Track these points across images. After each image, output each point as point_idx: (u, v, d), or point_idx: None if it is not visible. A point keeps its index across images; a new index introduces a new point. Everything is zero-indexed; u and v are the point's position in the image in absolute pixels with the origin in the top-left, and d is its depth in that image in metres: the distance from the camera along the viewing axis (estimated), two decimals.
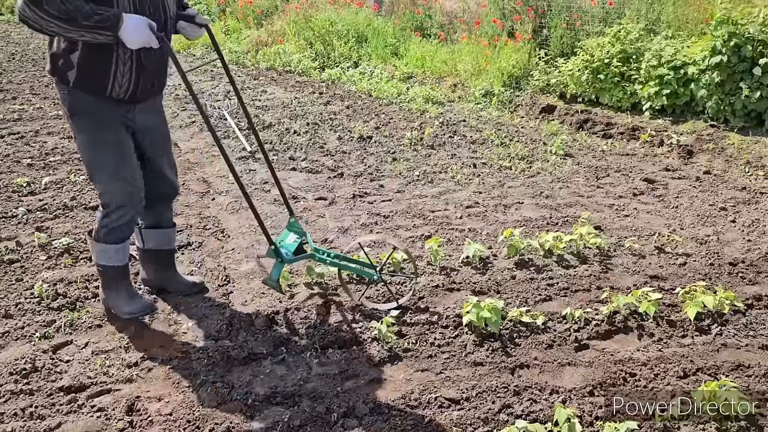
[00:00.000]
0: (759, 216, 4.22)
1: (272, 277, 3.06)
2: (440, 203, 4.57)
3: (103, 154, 2.73)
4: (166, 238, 3.24)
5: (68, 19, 2.34)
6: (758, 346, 2.86)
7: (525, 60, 7.52)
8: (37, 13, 2.32)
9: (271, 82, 8.23)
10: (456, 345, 2.89)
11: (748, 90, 5.66)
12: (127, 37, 2.43)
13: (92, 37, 2.41)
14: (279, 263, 3.06)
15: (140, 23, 2.44)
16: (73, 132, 2.77)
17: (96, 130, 2.69)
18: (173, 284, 3.34)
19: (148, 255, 3.26)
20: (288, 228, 3.25)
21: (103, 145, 2.72)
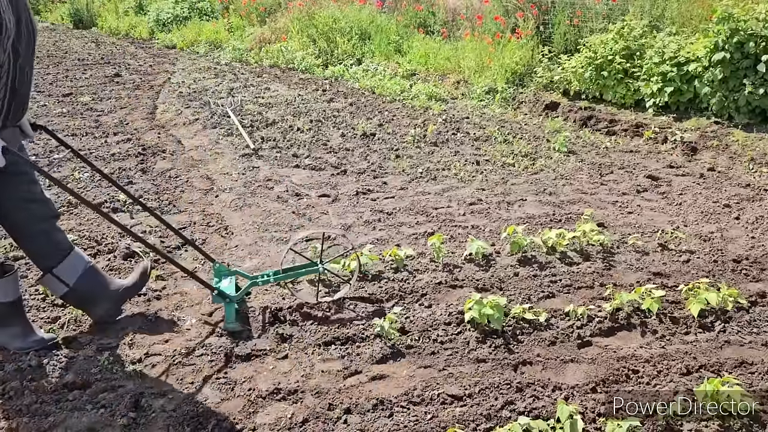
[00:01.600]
0: (763, 213, 4.21)
1: (228, 320, 2.99)
2: (443, 200, 4.57)
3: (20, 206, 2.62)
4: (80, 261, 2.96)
5: None
6: (761, 343, 2.86)
7: (528, 57, 7.51)
8: None
9: (274, 79, 8.23)
10: (459, 342, 2.90)
11: (752, 86, 5.63)
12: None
13: None
14: (228, 304, 3.01)
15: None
16: None
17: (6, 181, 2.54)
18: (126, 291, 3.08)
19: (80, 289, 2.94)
20: (216, 275, 3.22)
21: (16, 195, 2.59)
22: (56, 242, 2.85)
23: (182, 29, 11.26)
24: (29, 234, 2.77)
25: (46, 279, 2.87)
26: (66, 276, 2.87)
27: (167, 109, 6.85)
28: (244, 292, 3.13)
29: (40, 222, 2.76)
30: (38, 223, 2.76)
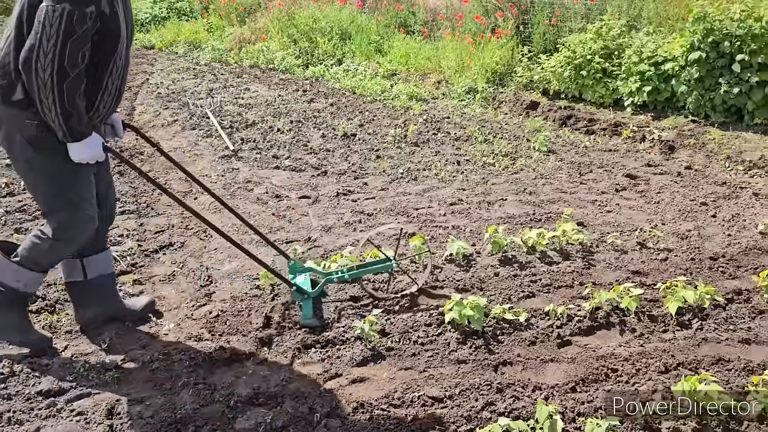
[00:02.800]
0: (739, 210, 4.26)
1: (306, 316, 3.05)
2: (424, 201, 4.57)
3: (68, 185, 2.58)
4: (110, 261, 3.05)
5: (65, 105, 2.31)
6: (738, 340, 2.89)
7: (508, 56, 7.54)
8: (52, 79, 2.26)
9: (254, 79, 8.18)
10: (439, 343, 2.89)
11: (727, 85, 5.71)
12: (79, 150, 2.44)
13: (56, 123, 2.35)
14: (306, 300, 3.06)
15: (99, 143, 2.49)
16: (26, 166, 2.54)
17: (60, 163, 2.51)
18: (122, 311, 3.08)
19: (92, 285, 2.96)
20: (291, 271, 3.26)
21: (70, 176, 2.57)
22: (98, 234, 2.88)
23: (161, 29, 11.14)
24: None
25: (71, 262, 2.88)
26: (90, 268, 2.91)
27: (145, 110, 6.77)
28: (320, 288, 3.13)
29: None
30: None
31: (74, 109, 2.34)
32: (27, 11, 2.32)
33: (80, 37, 2.26)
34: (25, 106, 2.41)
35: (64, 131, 2.37)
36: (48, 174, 2.54)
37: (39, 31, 2.23)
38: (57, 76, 2.25)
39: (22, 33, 2.34)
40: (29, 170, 2.56)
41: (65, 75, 2.26)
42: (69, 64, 2.26)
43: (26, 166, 2.55)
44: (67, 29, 2.23)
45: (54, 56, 2.23)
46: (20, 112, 2.42)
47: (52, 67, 2.24)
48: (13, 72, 2.39)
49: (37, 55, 2.23)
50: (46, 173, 2.54)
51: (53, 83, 2.26)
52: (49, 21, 2.22)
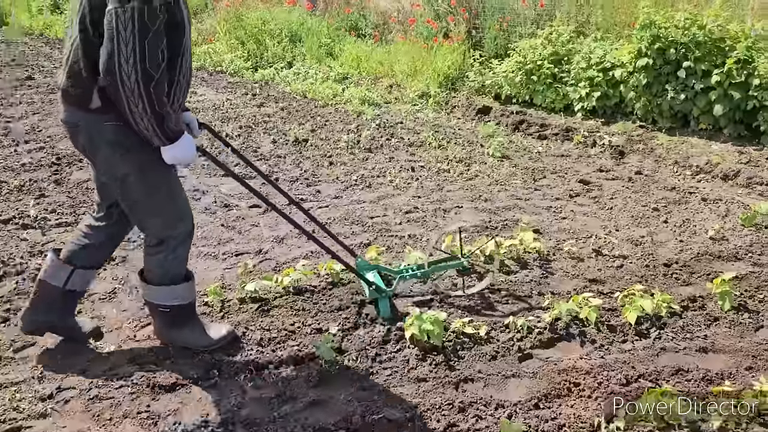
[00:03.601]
0: (689, 216, 4.32)
1: (384, 313, 3.04)
2: (379, 209, 4.46)
3: (160, 185, 2.50)
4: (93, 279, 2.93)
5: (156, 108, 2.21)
6: (695, 348, 2.89)
7: (460, 61, 7.53)
8: (138, 85, 2.16)
9: (201, 83, 7.91)
10: (398, 360, 2.79)
11: (674, 92, 5.83)
12: (173, 153, 2.36)
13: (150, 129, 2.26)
14: (383, 298, 3.07)
15: (192, 143, 2.41)
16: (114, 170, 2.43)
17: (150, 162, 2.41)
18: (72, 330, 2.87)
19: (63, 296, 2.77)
20: (361, 270, 3.20)
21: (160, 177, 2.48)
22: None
23: None
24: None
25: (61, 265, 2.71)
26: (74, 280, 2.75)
27: None
28: (394, 290, 3.14)
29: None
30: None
31: (164, 110, 2.25)
32: (90, 14, 2.22)
33: (155, 33, 2.16)
34: (104, 112, 2.32)
35: (159, 136, 2.28)
36: (137, 175, 2.43)
37: (114, 36, 2.12)
38: (143, 80, 2.15)
39: (89, 37, 2.25)
40: (124, 179, 2.44)
41: (150, 77, 2.17)
42: (151, 65, 2.16)
43: (118, 175, 2.43)
44: (142, 28, 2.13)
45: (135, 60, 2.13)
46: (99, 116, 2.33)
47: (136, 72, 2.14)
48: (86, 79, 2.30)
49: (119, 63, 2.13)
50: (136, 175, 2.42)
51: (140, 88, 2.16)
52: (122, 24, 2.11)
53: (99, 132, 2.35)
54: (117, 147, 2.37)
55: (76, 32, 2.28)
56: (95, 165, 2.53)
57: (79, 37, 2.27)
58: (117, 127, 2.33)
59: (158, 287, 2.69)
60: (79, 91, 2.32)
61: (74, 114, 2.37)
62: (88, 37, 2.25)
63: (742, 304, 3.23)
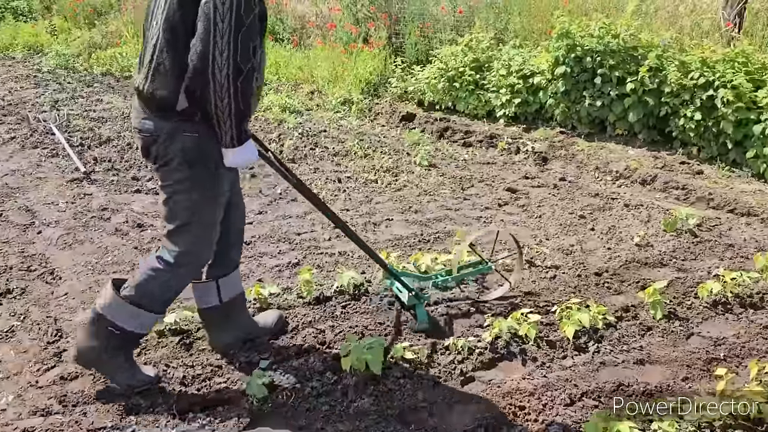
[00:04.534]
0: (614, 222, 4.39)
1: (422, 320, 3.04)
2: (306, 224, 4.27)
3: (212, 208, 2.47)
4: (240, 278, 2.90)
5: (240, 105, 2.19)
6: (633, 361, 2.89)
7: (381, 67, 7.43)
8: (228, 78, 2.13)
9: (107, 89, 7.40)
10: (337, 392, 2.61)
11: (591, 98, 5.96)
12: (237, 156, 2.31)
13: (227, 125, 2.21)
14: (420, 305, 3.06)
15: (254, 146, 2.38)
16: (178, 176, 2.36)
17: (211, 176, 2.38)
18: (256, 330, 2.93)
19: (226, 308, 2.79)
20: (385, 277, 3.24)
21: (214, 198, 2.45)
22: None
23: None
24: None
25: (205, 286, 2.74)
26: (225, 290, 2.76)
27: None
28: (428, 296, 3.17)
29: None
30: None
31: (248, 109, 2.23)
32: (178, 11, 2.18)
33: (248, 27, 2.14)
34: (186, 117, 2.28)
35: (233, 134, 2.23)
36: (195, 190, 2.39)
37: (209, 29, 2.09)
38: (233, 75, 2.13)
39: (176, 36, 2.21)
40: (178, 185, 2.39)
41: (239, 72, 2.14)
42: (242, 59, 2.14)
43: (177, 182, 2.38)
44: (238, 21, 2.11)
45: (229, 53, 2.11)
46: (180, 124, 2.29)
47: (228, 66, 2.12)
48: (173, 80, 2.24)
49: (214, 56, 2.11)
50: (194, 189, 2.39)
51: (229, 83, 2.13)
52: (220, 16, 2.09)
53: (175, 142, 2.31)
54: (185, 159, 2.33)
55: (158, 32, 2.24)
56: (162, 172, 2.41)
57: (164, 37, 2.23)
58: (192, 139, 2.31)
59: (125, 306, 2.48)
60: (165, 93, 2.26)
61: (156, 124, 2.31)
62: (174, 34, 2.21)
63: (672, 311, 3.27)
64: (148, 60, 2.29)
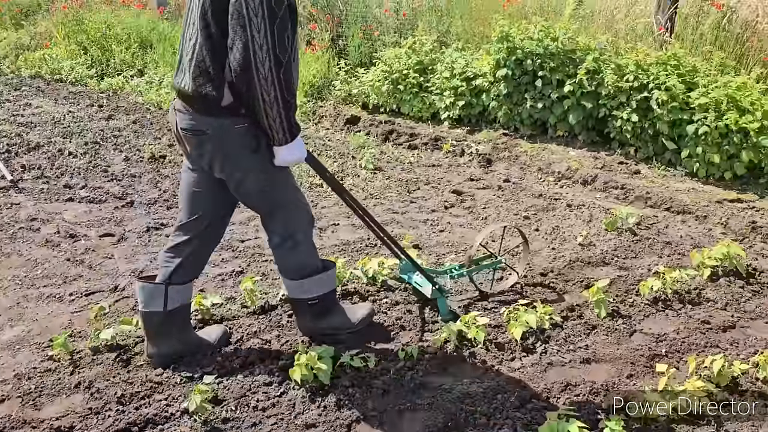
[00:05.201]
0: (557, 223, 4.46)
1: (444, 313, 3.16)
2: (250, 230, 4.16)
3: (285, 181, 2.58)
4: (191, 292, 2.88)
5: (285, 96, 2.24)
6: (579, 360, 2.92)
7: (325, 69, 7.36)
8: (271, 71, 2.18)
9: (37, 93, 7.05)
10: (283, 405, 2.53)
11: (532, 101, 6.06)
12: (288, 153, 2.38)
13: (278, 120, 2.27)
14: (442, 299, 3.17)
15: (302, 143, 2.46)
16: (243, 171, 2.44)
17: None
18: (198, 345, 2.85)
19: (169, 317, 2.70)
20: (402, 272, 3.34)
21: (285, 174, 2.57)
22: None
23: None
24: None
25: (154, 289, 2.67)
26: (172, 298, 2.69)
27: None
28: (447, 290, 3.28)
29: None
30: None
31: (294, 99, 2.29)
32: (211, 7, 2.21)
33: (282, 18, 2.19)
34: (234, 112, 2.33)
35: (284, 127, 2.30)
36: (266, 174, 2.47)
37: (245, 25, 2.14)
38: (275, 67, 2.18)
39: (211, 32, 2.25)
40: (246, 177, 2.46)
41: (280, 63, 2.19)
42: (280, 50, 2.18)
43: (242, 174, 2.45)
44: (271, 14, 2.15)
45: (268, 46, 2.16)
46: (228, 119, 2.34)
47: (269, 59, 2.17)
48: (216, 76, 2.29)
49: (254, 51, 2.16)
50: (264, 174, 2.47)
51: (273, 75, 2.18)
52: (253, 11, 2.13)
53: (229, 136, 2.36)
54: (245, 148, 2.38)
55: (196, 31, 2.28)
56: (223, 172, 2.45)
57: (202, 35, 2.26)
58: (246, 129, 2.36)
59: (301, 281, 2.71)
60: (209, 90, 2.30)
61: (202, 120, 2.35)
62: (210, 32, 2.25)
63: (615, 309, 3.33)
64: (188, 60, 2.34)
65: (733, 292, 3.50)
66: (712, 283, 3.58)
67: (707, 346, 3.04)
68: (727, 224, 4.40)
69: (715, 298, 3.44)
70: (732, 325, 3.22)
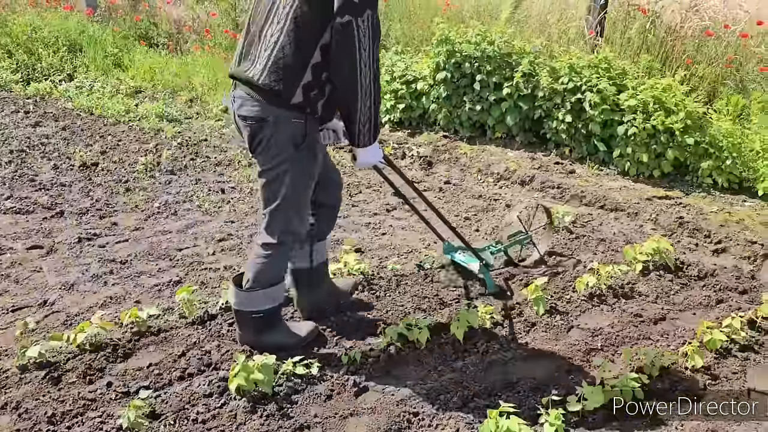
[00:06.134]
0: (496, 223, 4.54)
1: (491, 286, 3.51)
2: (188, 239, 4.05)
3: (307, 182, 2.71)
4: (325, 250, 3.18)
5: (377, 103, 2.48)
6: (519, 357, 2.97)
7: None
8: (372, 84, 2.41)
9: None
10: (224, 417, 2.48)
11: (471, 103, 6.15)
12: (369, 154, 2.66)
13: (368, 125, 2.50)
14: (488, 273, 3.53)
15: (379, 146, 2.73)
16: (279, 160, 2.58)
17: (309, 159, 2.64)
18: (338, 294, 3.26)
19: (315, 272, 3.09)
20: (445, 252, 3.68)
21: (310, 177, 2.70)
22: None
23: None
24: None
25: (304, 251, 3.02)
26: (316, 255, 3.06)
27: None
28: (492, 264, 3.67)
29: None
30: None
31: (380, 104, 2.51)
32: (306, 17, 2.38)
33: (379, 34, 2.42)
34: (298, 108, 2.50)
35: (371, 132, 2.54)
36: (299, 172, 2.63)
37: (355, 44, 2.33)
38: (374, 81, 2.42)
39: (300, 38, 2.41)
40: (279, 167, 2.60)
41: (377, 75, 2.43)
42: (378, 64, 2.43)
43: (278, 163, 2.59)
44: (374, 33, 2.38)
45: (370, 62, 2.38)
46: (290, 112, 2.50)
47: (370, 73, 2.40)
48: (294, 76, 2.44)
49: (360, 68, 2.36)
50: (296, 170, 2.62)
51: (372, 87, 2.42)
52: (362, 32, 2.33)
53: (285, 127, 2.52)
54: (292, 142, 2.54)
55: (280, 31, 2.42)
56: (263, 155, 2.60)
57: (289, 37, 2.41)
58: (300, 125, 2.52)
59: (252, 293, 2.76)
60: (282, 86, 2.44)
61: (266, 109, 2.49)
62: (299, 36, 2.40)
63: (553, 306, 3.41)
64: (267, 54, 2.45)
65: (663, 286, 3.65)
66: (644, 277, 3.72)
67: (640, 338, 3.15)
68: (657, 220, 4.58)
69: (646, 292, 3.58)
70: (662, 317, 3.35)
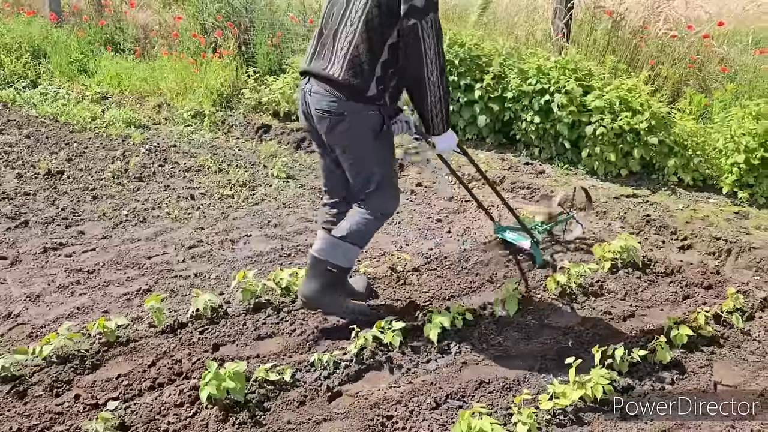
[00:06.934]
0: (468, 224, 4.57)
1: (539, 259, 3.86)
2: (157, 246, 4.00)
3: (392, 165, 2.99)
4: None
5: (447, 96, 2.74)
6: (491, 357, 2.99)
7: (233, 77, 7.21)
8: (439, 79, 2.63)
9: None
10: (195, 426, 2.44)
11: None
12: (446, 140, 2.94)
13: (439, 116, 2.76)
14: (538, 250, 3.87)
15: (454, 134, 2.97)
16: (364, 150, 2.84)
17: (389, 145, 2.92)
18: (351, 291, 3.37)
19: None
20: (496, 232, 4.08)
21: (392, 157, 2.96)
22: None
23: None
24: None
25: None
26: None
27: None
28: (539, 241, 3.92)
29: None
30: None
31: (449, 96, 2.71)
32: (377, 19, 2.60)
33: (441, 33, 2.64)
34: (373, 101, 2.71)
35: (444, 121, 2.80)
36: (381, 157, 2.90)
37: (422, 44, 2.57)
38: (441, 75, 2.64)
39: (373, 38, 2.62)
40: (364, 155, 2.86)
41: (443, 70, 2.64)
42: (444, 60, 2.64)
43: (362, 152, 2.84)
44: (438, 33, 2.62)
45: (436, 59, 2.61)
46: (366, 106, 2.72)
47: (437, 68, 2.62)
48: (368, 71, 2.66)
49: (427, 65, 2.59)
50: (380, 157, 2.89)
51: (440, 81, 2.64)
52: (427, 33, 2.57)
53: (362, 119, 2.74)
54: (371, 131, 2.78)
55: (354, 32, 2.64)
56: (343, 150, 2.86)
57: (363, 37, 2.63)
58: (377, 115, 2.76)
59: (340, 244, 2.96)
60: (359, 81, 2.66)
61: (343, 104, 2.71)
62: (371, 36, 2.62)
63: (525, 306, 3.44)
64: (342, 53, 2.68)
65: (631, 283, 3.71)
66: (613, 275, 3.78)
67: (610, 335, 3.20)
68: (625, 218, 4.66)
69: (615, 290, 3.63)
70: (631, 314, 3.40)
